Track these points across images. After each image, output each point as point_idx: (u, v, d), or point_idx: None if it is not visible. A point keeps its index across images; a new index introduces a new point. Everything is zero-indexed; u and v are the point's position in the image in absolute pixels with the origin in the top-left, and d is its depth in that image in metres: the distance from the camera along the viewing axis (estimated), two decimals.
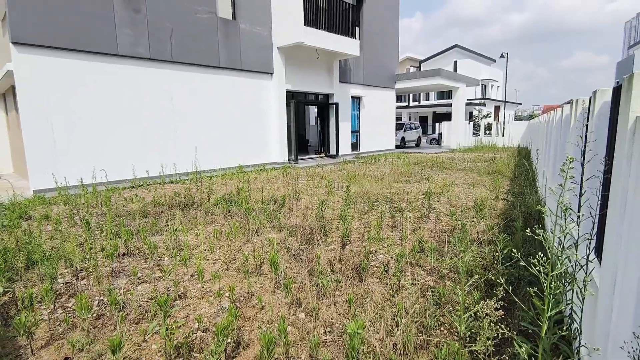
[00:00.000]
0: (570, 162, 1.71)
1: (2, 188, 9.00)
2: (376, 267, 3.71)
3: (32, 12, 7.47)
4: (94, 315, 2.84)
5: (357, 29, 15.93)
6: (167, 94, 9.76)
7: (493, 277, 3.10)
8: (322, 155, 15.77)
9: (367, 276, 3.43)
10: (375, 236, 4.31)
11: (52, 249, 4.21)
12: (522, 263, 1.89)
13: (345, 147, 15.83)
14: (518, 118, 62.48)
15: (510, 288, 2.34)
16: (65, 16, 7.87)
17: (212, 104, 10.80)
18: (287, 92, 13.00)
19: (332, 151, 15.18)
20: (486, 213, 5.54)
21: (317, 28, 12.40)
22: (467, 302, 2.69)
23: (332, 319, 2.75)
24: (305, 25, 11.73)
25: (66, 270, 3.70)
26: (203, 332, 2.61)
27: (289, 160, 13.13)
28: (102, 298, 3.11)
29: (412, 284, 3.29)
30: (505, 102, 35.53)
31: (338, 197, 7.04)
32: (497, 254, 3.18)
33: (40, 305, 2.99)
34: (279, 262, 3.34)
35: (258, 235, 4.69)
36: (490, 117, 37.40)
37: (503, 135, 22.84)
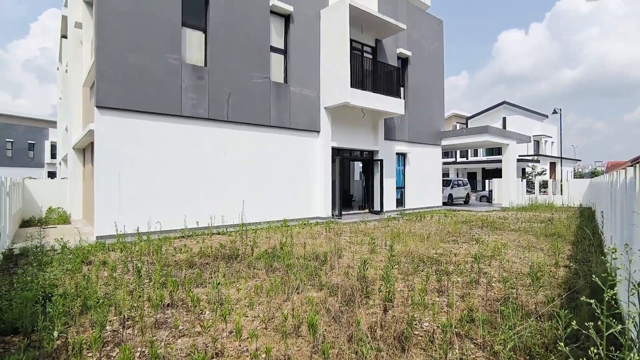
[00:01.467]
0: None
1: (71, 233, 9.87)
2: (420, 336, 3.46)
3: (115, 82, 8.68)
4: None
5: (402, 88, 16.48)
6: (221, 150, 10.50)
7: None
8: (366, 210, 15.64)
9: (411, 346, 3.20)
10: (420, 301, 4.06)
11: (105, 295, 4.44)
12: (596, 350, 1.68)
13: (389, 203, 15.64)
14: (578, 175, 58.49)
15: None
16: (142, 84, 9.03)
17: (261, 160, 11.40)
18: (333, 148, 13.42)
19: (377, 207, 15.04)
20: (545, 281, 5.05)
21: (362, 89, 13.01)
22: None
23: None
24: (351, 86, 12.38)
25: (115, 318, 3.85)
26: None
27: (332, 215, 13.17)
28: (144, 350, 3.17)
29: (460, 359, 3.01)
30: (561, 158, 33.68)
31: (381, 256, 6.84)
32: (559, 331, 2.84)
33: (88, 352, 3.11)
34: (317, 324, 3.24)
35: (298, 293, 4.63)
36: (545, 174, 35.42)
37: (561, 194, 21.33)
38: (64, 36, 16.99)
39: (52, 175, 39.95)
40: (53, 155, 40.41)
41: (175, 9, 9.63)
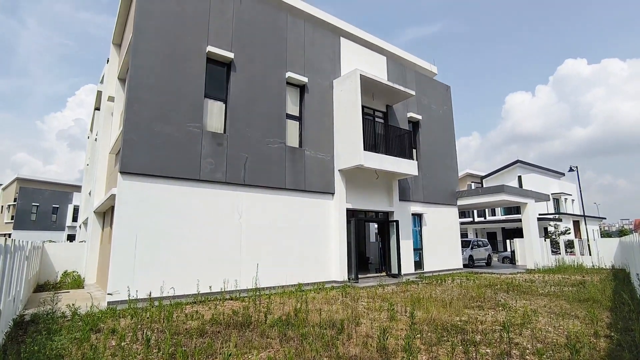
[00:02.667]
0: None
1: (83, 298, 9.73)
2: None
3: (139, 149, 9.17)
4: None
5: (414, 150, 16.81)
6: (236, 212, 10.61)
7: None
8: (384, 274, 15.07)
9: None
10: None
11: None
12: None
13: (407, 266, 15.08)
14: (605, 234, 55.96)
15: None
16: (164, 151, 9.50)
17: (275, 222, 11.40)
18: (348, 210, 13.39)
19: (394, 270, 14.50)
20: (585, 354, 4.59)
21: (375, 152, 13.32)
22: None
23: None
24: (364, 149, 12.71)
25: None
26: None
27: (348, 279, 12.71)
28: None
29: None
30: (584, 216, 32.54)
31: (402, 324, 6.42)
32: None
33: None
34: None
35: None
36: (569, 232, 34.03)
37: (590, 254, 20.23)
38: (97, 108, 18.45)
39: (71, 238, 40.67)
40: (74, 219, 41.49)
41: (199, 83, 10.45)
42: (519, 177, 39.04)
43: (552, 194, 38.21)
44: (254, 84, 11.64)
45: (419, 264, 16.04)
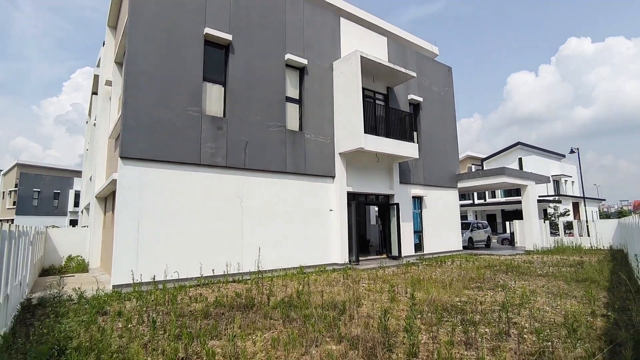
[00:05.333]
0: None
1: (89, 282, 9.88)
2: None
3: (139, 134, 9.12)
4: None
5: (415, 133, 16.71)
6: (237, 197, 10.64)
7: None
8: (384, 256, 15.24)
9: None
10: (447, 356, 3.80)
11: (119, 348, 4.33)
12: None
13: (407, 248, 15.23)
14: (604, 215, 56.25)
15: None
16: (164, 135, 9.45)
17: (276, 206, 11.45)
18: (348, 193, 13.43)
19: (394, 252, 14.66)
20: (583, 333, 4.69)
21: (376, 134, 13.25)
22: None
23: None
24: (365, 132, 12.63)
25: None
26: None
27: (349, 261, 12.86)
28: None
29: None
30: (584, 198, 32.65)
31: (402, 305, 6.54)
32: None
33: None
34: None
35: (317, 346, 4.41)
36: (568, 214, 34.24)
37: (588, 235, 20.39)
38: (95, 93, 18.26)
39: (73, 223, 40.96)
40: (76, 204, 41.69)
41: (198, 66, 10.30)
42: (520, 159, 38.97)
43: (552, 176, 38.23)
44: (253, 67, 11.47)
45: (419, 246, 16.20)
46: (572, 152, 30.56)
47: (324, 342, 4.52)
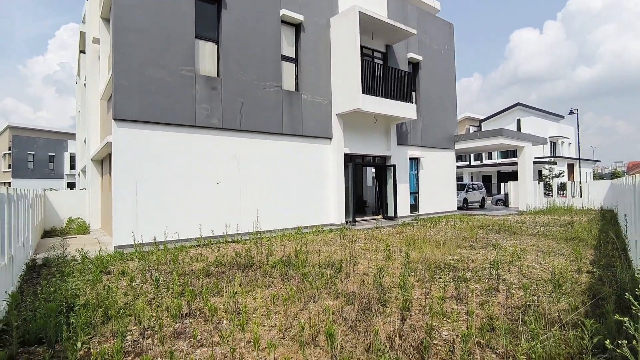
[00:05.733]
0: None
1: (91, 243, 10.09)
2: (440, 345, 3.40)
3: (132, 95, 8.90)
4: None
5: (413, 93, 16.41)
6: (234, 159, 10.62)
7: None
8: (380, 216, 15.54)
9: (430, 356, 3.15)
10: (438, 310, 4.00)
11: (125, 305, 4.52)
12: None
13: (403, 209, 15.50)
14: (598, 176, 56.98)
15: None
16: (158, 96, 9.24)
17: (274, 168, 11.47)
18: (346, 155, 13.42)
19: (390, 213, 14.93)
20: (567, 288, 4.92)
21: (374, 95, 13.00)
22: None
23: None
24: (363, 93, 12.39)
25: (135, 328, 3.91)
26: None
27: (346, 221, 13.12)
28: None
29: None
30: (579, 159, 32.87)
31: (397, 263, 6.77)
32: (585, 341, 2.75)
33: None
34: (335, 333, 3.23)
35: (314, 302, 4.61)
36: (563, 176, 34.63)
37: (581, 196, 20.77)
38: (82, 51, 17.55)
39: (71, 186, 41.04)
40: (72, 167, 41.52)
41: (189, 22, 9.84)
42: (518, 121, 38.70)
43: (549, 137, 38.19)
44: (247, 23, 10.98)
45: (414, 207, 16.48)
46: (571, 112, 30.30)
47: (322, 298, 4.73)
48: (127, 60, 8.86)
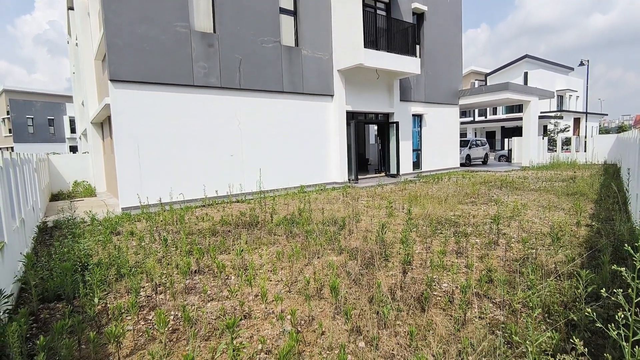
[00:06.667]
0: None
1: (98, 205, 10.28)
2: (439, 296, 3.56)
3: (126, 54, 8.62)
4: (170, 329, 3.10)
5: (417, 46, 15.78)
6: (235, 119, 10.49)
7: (575, 318, 2.80)
8: (383, 174, 15.60)
9: (430, 306, 3.30)
10: (439, 263, 4.14)
11: (136, 263, 4.69)
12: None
13: (406, 166, 15.51)
14: (604, 131, 56.14)
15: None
16: (153, 55, 8.94)
17: (275, 127, 11.35)
18: (348, 112, 13.20)
19: (393, 170, 14.96)
20: (565, 241, 5.03)
21: (376, 49, 12.53)
22: (545, 343, 2.46)
23: (392, 350, 2.69)
24: (365, 47, 11.92)
25: (147, 284, 4.09)
26: (266, 353, 2.71)
27: (349, 180, 13.20)
28: (176, 313, 3.38)
29: (479, 317, 3.10)
30: (586, 113, 32.23)
31: (399, 219, 6.90)
32: (579, 290, 2.87)
33: (127, 316, 3.34)
34: (339, 286, 3.37)
35: (318, 258, 4.77)
36: (568, 130, 34.16)
37: (585, 151, 20.62)
38: (71, 8, 16.75)
39: (73, 149, 41.03)
40: (73, 130, 41.25)
41: None
42: (525, 74, 37.48)
43: (557, 90, 37.18)
44: None
45: (417, 164, 16.49)
46: (581, 64, 29.24)
47: (325, 254, 4.88)
48: (118, 16, 8.48)
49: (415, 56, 13.95)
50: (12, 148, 37.99)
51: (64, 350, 2.53)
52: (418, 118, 16.37)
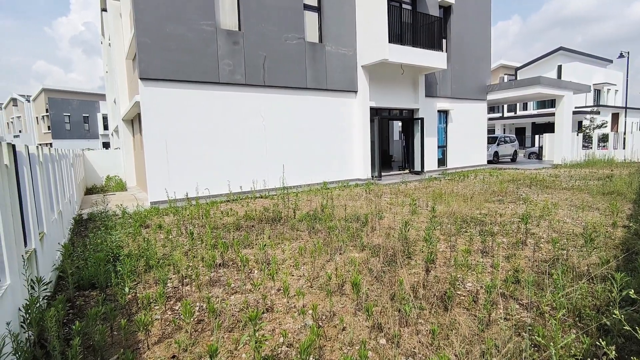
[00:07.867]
0: None
1: (128, 199, 10.70)
2: (463, 296, 3.49)
3: (155, 53, 8.89)
4: (195, 320, 3.20)
5: (444, 40, 15.41)
6: (259, 115, 10.62)
7: (608, 322, 2.67)
8: (407, 171, 15.39)
9: (454, 306, 3.24)
10: (463, 262, 4.05)
11: (164, 256, 4.87)
12: None
13: (431, 163, 15.23)
14: None
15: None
16: (181, 54, 9.19)
17: (299, 123, 11.41)
18: (371, 108, 13.09)
19: (417, 167, 14.73)
20: (600, 242, 4.80)
21: (401, 44, 12.32)
22: (575, 348, 2.37)
23: (414, 348, 2.67)
24: (389, 42, 11.76)
25: (174, 276, 4.23)
26: (287, 347, 2.75)
27: (372, 176, 13.11)
28: (202, 304, 3.49)
29: (505, 319, 3.01)
30: (626, 108, 30.46)
31: (423, 217, 6.79)
32: (613, 294, 2.73)
33: (155, 305, 3.48)
34: (360, 283, 3.37)
35: (341, 254, 4.78)
36: (605, 126, 32.43)
37: (624, 148, 19.53)
38: (104, 9, 17.43)
39: (106, 145, 42.82)
40: (105, 127, 43.06)
41: None
42: (559, 67, 35.78)
43: (593, 84, 35.32)
44: None
45: (442, 161, 16.15)
46: (621, 56, 27.62)
47: (347, 251, 4.88)
48: (147, 16, 8.76)
49: (442, 50, 13.62)
50: (50, 144, 40.07)
51: (98, 336, 2.66)
52: (444, 114, 16.01)
